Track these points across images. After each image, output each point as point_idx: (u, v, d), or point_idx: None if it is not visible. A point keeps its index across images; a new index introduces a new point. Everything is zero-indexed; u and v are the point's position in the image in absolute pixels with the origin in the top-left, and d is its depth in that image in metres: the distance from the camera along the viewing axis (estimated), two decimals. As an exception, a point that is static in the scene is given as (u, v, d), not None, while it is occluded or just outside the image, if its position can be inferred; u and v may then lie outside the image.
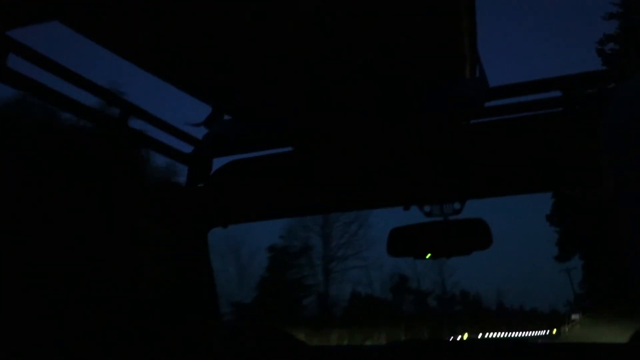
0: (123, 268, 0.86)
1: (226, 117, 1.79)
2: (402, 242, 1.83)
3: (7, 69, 1.20)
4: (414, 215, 1.80)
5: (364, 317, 30.75)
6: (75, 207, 0.82)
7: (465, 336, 34.63)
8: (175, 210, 1.89)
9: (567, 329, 39.54)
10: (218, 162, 1.95)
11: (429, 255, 1.78)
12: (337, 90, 1.55)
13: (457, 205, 1.73)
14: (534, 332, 46.90)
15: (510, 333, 43.92)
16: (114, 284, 0.83)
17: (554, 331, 43.94)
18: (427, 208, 1.75)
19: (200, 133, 1.85)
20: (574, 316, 41.34)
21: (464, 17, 1.19)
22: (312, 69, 1.41)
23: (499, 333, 43.46)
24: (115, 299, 0.81)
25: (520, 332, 45.08)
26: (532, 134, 1.63)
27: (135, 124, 1.59)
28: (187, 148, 1.87)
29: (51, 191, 0.81)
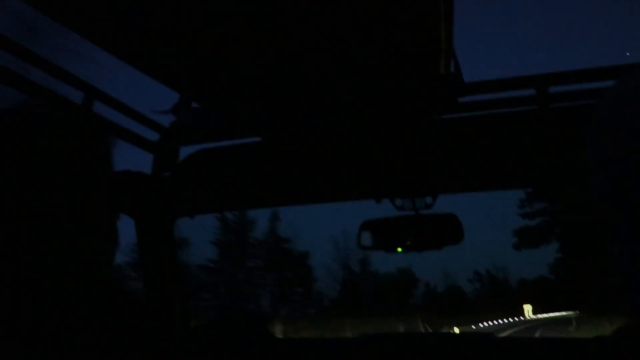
0: (84, 261, 0.81)
1: (194, 105, 1.74)
2: (373, 235, 1.82)
3: None
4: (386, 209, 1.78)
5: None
6: (34, 198, 0.77)
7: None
8: (140, 199, 1.83)
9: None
10: (184, 151, 1.90)
11: (400, 249, 1.78)
12: (307, 82, 1.52)
13: (429, 200, 1.73)
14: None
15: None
16: (73, 276, 0.78)
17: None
18: (398, 202, 1.74)
19: (167, 121, 1.80)
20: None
21: (441, 11, 1.16)
22: (282, 59, 1.37)
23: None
24: (74, 292, 0.77)
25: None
26: (505, 130, 1.64)
27: (99, 109, 1.53)
28: (153, 136, 1.81)
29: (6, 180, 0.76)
